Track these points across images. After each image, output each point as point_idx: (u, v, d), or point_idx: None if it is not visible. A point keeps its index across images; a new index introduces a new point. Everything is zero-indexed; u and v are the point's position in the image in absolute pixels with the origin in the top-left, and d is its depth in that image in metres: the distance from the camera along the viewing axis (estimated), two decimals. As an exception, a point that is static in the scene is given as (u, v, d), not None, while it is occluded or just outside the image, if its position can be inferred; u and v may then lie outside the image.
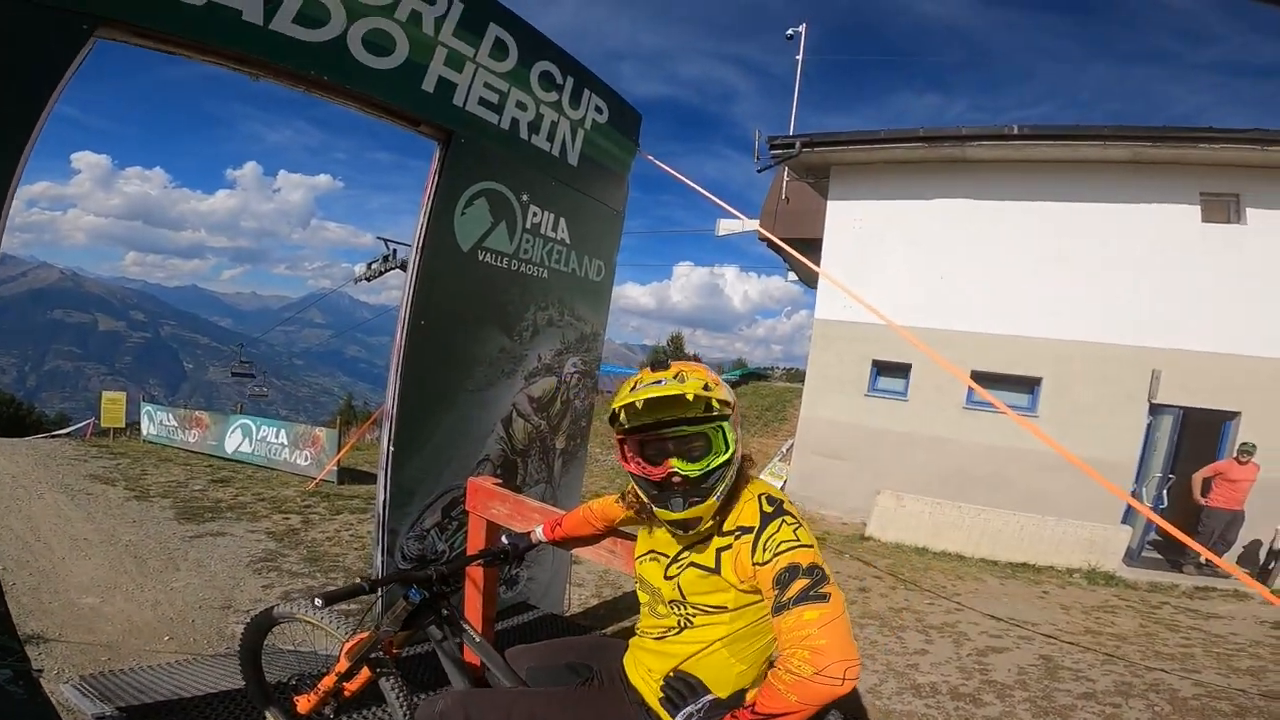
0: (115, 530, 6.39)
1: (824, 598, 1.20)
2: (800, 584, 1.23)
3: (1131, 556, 8.12)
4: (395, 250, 21.50)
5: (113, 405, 15.98)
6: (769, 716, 1.19)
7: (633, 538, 1.61)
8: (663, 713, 1.47)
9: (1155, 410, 8.68)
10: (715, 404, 1.39)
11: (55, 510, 6.94)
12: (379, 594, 2.98)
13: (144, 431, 14.70)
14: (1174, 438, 8.60)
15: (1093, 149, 8.67)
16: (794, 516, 1.36)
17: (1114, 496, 8.04)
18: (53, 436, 16.61)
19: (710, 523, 1.43)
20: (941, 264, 9.76)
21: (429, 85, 2.83)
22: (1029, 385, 9.33)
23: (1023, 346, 9.24)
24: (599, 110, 3.77)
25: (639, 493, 1.52)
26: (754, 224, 9.53)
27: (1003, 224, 9.47)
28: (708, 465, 1.40)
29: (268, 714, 2.36)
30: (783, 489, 10.73)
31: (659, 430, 1.41)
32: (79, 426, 18.30)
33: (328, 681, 2.09)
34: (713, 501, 1.41)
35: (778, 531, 1.32)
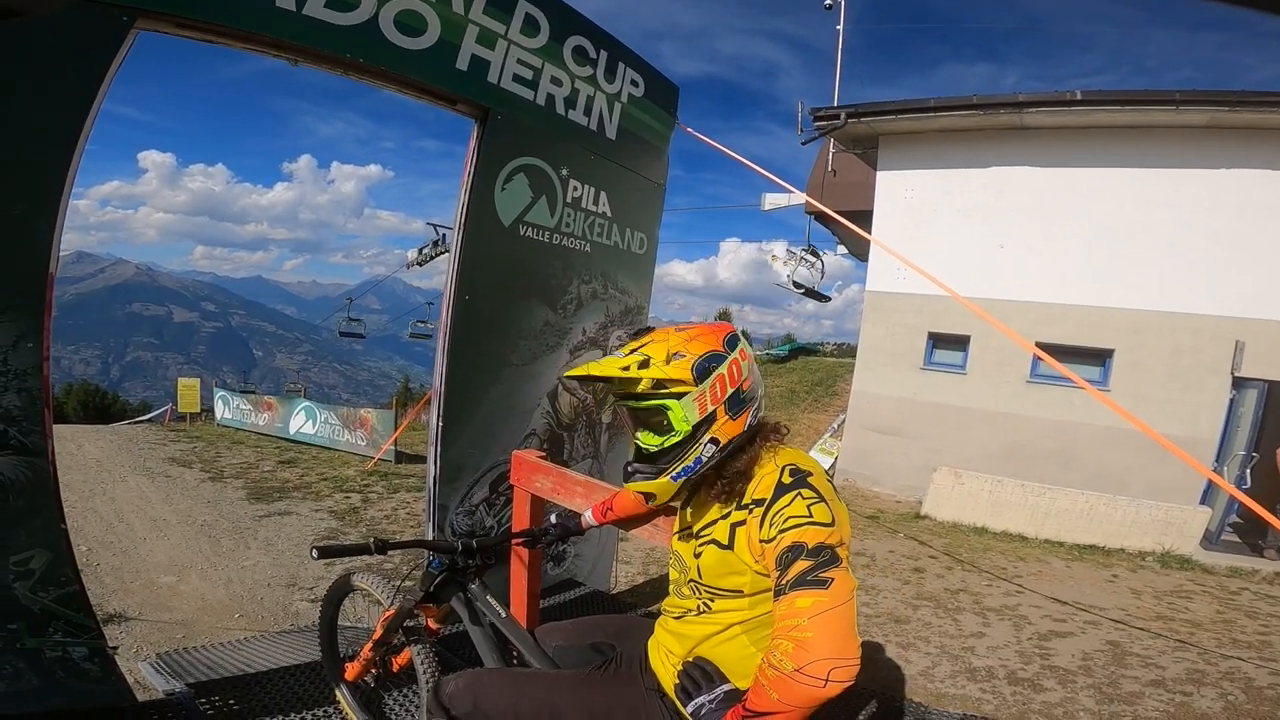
0: (191, 511, 6.76)
1: (822, 583, 1.07)
2: (800, 566, 1.10)
3: (1210, 539, 7.64)
4: (445, 235, 21.91)
5: (188, 391, 16.88)
6: (757, 715, 1.08)
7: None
8: (677, 701, 1.38)
9: (1239, 384, 8.12)
10: (649, 382, 1.29)
11: (137, 492, 7.38)
12: (431, 560, 2.94)
13: (218, 416, 15.48)
14: (1259, 413, 8.02)
15: (1164, 114, 8.14)
16: (814, 490, 1.21)
17: (1190, 476, 7.58)
18: (135, 423, 17.66)
19: (719, 504, 1.34)
20: (1000, 233, 9.32)
21: (463, 64, 2.84)
22: (1100, 358, 8.85)
23: (1092, 317, 8.76)
24: (635, 84, 3.72)
25: None
26: (800, 197, 9.28)
27: (1066, 192, 8.97)
28: (663, 443, 1.32)
29: (338, 691, 2.35)
30: (833, 465, 10.34)
31: (623, 401, 1.38)
32: (158, 413, 19.42)
33: (365, 651, 2.12)
34: (664, 481, 1.32)
35: (789, 505, 1.18)
